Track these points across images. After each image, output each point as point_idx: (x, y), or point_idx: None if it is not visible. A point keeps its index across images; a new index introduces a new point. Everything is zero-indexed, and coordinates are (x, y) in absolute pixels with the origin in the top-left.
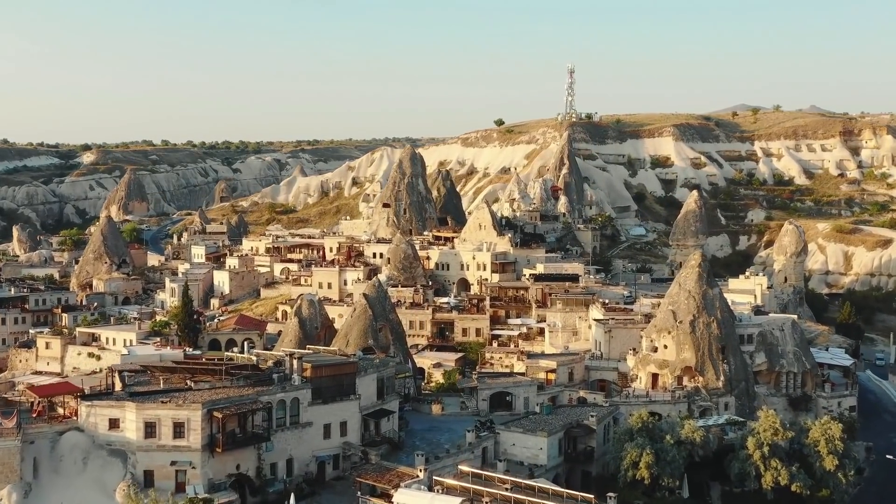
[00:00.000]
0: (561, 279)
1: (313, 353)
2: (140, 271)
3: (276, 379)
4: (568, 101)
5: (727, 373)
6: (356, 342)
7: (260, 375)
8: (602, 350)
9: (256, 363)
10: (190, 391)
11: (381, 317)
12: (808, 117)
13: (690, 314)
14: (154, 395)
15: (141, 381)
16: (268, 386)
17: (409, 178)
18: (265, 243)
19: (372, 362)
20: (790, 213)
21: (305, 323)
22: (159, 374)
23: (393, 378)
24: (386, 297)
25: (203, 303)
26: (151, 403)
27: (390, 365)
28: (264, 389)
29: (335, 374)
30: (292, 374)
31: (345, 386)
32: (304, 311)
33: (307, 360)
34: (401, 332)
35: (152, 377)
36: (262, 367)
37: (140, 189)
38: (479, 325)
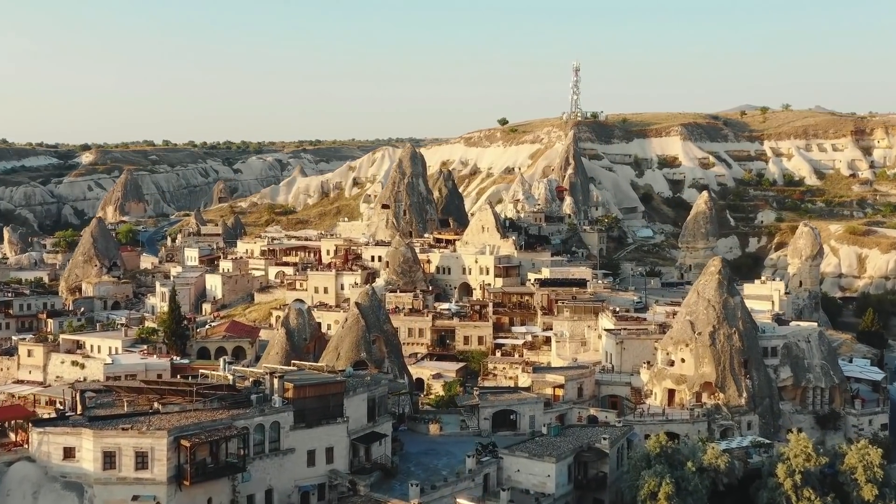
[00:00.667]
0: (568, 284)
1: (297, 371)
2: (132, 274)
3: (254, 400)
4: (573, 99)
5: (750, 389)
6: (347, 355)
7: (236, 397)
8: (613, 363)
9: (233, 383)
10: (157, 415)
11: (375, 327)
12: (819, 116)
13: (710, 325)
14: (115, 420)
15: (104, 402)
16: (245, 408)
17: (409, 179)
18: (260, 245)
19: (362, 380)
20: (801, 214)
21: (293, 334)
22: (124, 395)
23: (385, 397)
24: (380, 306)
25: (195, 308)
26: (111, 430)
27: (382, 383)
28: (241, 412)
29: (320, 395)
30: (272, 394)
31: (331, 407)
32: (292, 321)
33: (289, 379)
34: (396, 344)
35: (117, 398)
36: (238, 387)
37: (137, 189)
38: (482, 333)
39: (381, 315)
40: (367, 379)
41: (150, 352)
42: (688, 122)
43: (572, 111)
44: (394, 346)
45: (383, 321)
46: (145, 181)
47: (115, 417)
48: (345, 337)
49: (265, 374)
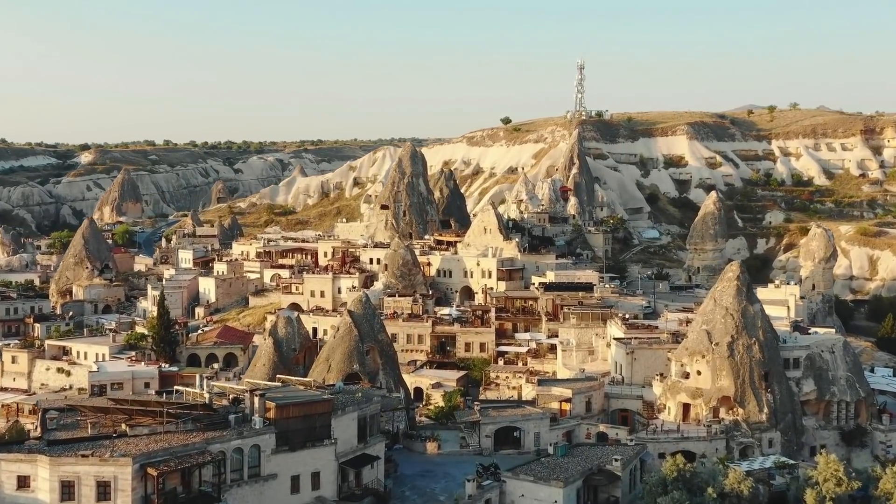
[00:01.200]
0: (573, 288)
1: (281, 388)
2: (124, 277)
3: (232, 421)
4: (577, 98)
5: (771, 404)
6: (339, 367)
7: (212, 417)
8: (623, 374)
9: (209, 402)
10: (123, 438)
11: (369, 337)
12: (827, 115)
13: (728, 335)
14: (77, 445)
15: (67, 423)
16: (222, 430)
17: (409, 178)
18: (256, 247)
19: (353, 397)
20: (810, 214)
21: (282, 344)
22: (89, 416)
23: (378, 415)
24: (374, 314)
25: (187, 312)
26: (69, 457)
27: (375, 400)
28: (217, 435)
29: (305, 415)
30: (253, 414)
31: (317, 428)
32: (281, 330)
33: (271, 397)
34: (391, 355)
35: (81, 419)
36: (215, 406)
37: (134, 190)
38: (484, 340)
39: (375, 323)
40: (357, 395)
41: (138, 359)
42: (694, 121)
43: (577, 110)
44: (389, 357)
45: (378, 330)
46: (145, 181)
47: (75, 441)
48: (336, 347)
49: (245, 391)
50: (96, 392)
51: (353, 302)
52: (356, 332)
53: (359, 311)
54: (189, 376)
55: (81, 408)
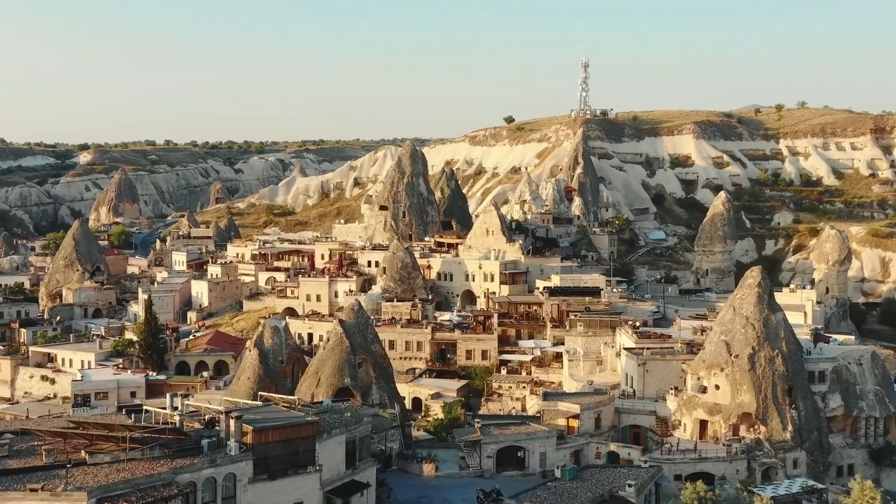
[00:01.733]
0: (580, 293)
1: (261, 408)
2: (116, 279)
3: (205, 447)
4: (582, 96)
5: (796, 421)
6: (329, 381)
7: (183, 443)
8: (634, 386)
9: (179, 425)
10: (82, 467)
11: (362, 348)
12: (837, 114)
13: (749, 347)
14: (27, 475)
15: (20, 449)
16: (193, 458)
17: (409, 178)
18: (251, 249)
19: (340, 417)
20: (819, 215)
21: (268, 356)
22: (46, 440)
23: (369, 437)
24: (368, 324)
25: (179, 316)
26: (17, 491)
27: (365, 420)
28: (186, 464)
29: (287, 439)
30: (228, 438)
31: (300, 454)
32: (267, 342)
33: (249, 419)
34: (386, 367)
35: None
36: (187, 429)
37: (131, 190)
38: (486, 347)
39: (368, 334)
40: (346, 416)
41: (125, 366)
42: (701, 120)
43: (581, 108)
44: (383, 370)
45: (371, 341)
46: (144, 181)
47: (26, 472)
48: (326, 360)
49: (221, 413)
50: (80, 402)
51: (346, 310)
52: (347, 343)
53: (351, 321)
54: (178, 385)
55: (37, 431)
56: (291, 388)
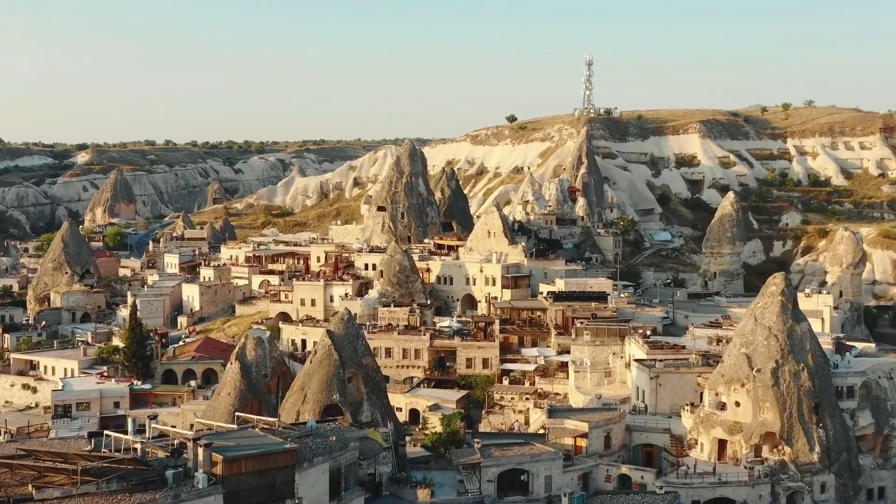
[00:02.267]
0: (585, 298)
1: (236, 432)
2: (107, 282)
3: (169, 479)
4: (585, 95)
5: (823, 441)
6: (316, 398)
7: (144, 475)
8: (646, 401)
9: (140, 454)
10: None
11: (352, 361)
12: (845, 113)
13: (772, 360)
14: None
15: None
16: (154, 492)
17: (407, 178)
18: (245, 251)
19: (324, 442)
20: (828, 216)
21: (250, 369)
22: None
23: (356, 464)
24: (359, 335)
25: (170, 321)
26: None
27: (352, 445)
28: (147, 499)
29: (262, 470)
30: (196, 469)
31: (277, 486)
32: (249, 354)
33: (219, 447)
34: (378, 381)
35: None
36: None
37: (127, 190)
38: (487, 355)
39: (359, 346)
40: (331, 440)
41: (109, 374)
42: (706, 119)
43: (585, 107)
44: (375, 385)
45: (362, 353)
46: (142, 181)
47: None
48: (313, 374)
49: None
50: (60, 413)
51: (335, 320)
52: (336, 356)
53: (340, 331)
54: (164, 395)
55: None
56: (276, 404)
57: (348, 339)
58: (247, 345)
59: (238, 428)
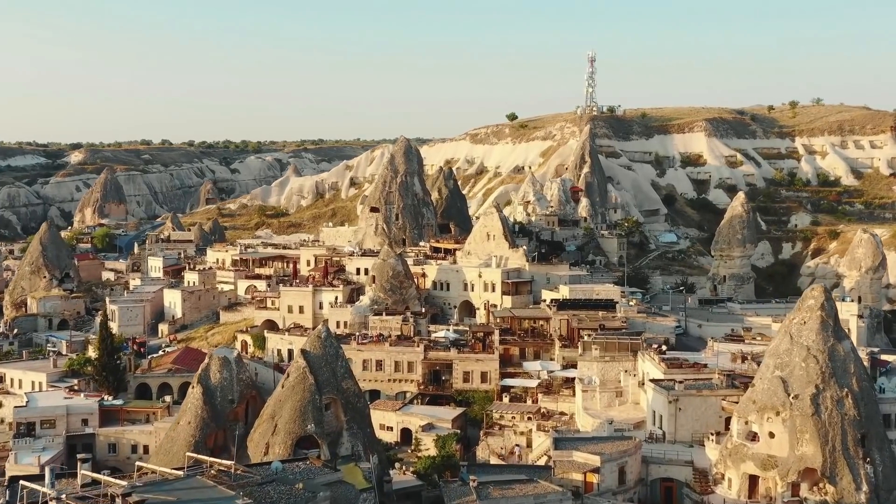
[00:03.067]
0: (592, 306)
1: (183, 479)
2: (88, 287)
3: None
4: (588, 92)
5: (871, 478)
6: (288, 428)
7: None
8: (665, 427)
9: None
10: None
11: (331, 385)
12: (854, 111)
13: (811, 385)
14: None
15: None
16: None
17: (402, 177)
18: (232, 254)
19: (288, 491)
20: (838, 217)
21: (214, 395)
22: None
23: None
24: (339, 355)
25: (150, 329)
26: None
27: (321, 497)
28: None
29: None
30: None
31: None
32: (214, 377)
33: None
34: (360, 407)
35: None
36: None
37: (118, 190)
38: (486, 369)
39: (339, 367)
40: (298, 488)
41: (80, 387)
42: (712, 117)
43: (587, 105)
44: (357, 412)
45: (342, 375)
46: (136, 181)
47: None
48: (285, 401)
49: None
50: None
51: (311, 338)
52: (312, 379)
53: (317, 351)
54: (136, 412)
55: None
56: (244, 434)
57: (326, 360)
58: (210, 366)
59: (185, 475)
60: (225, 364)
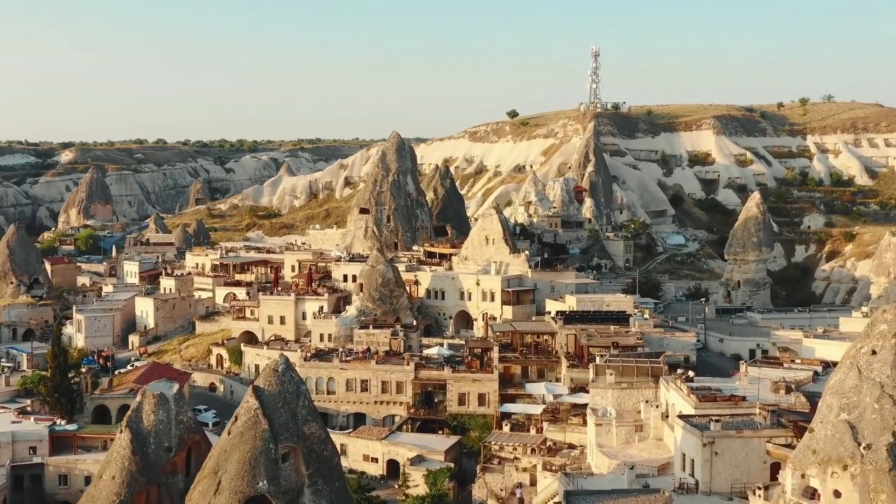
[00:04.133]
0: (602, 320)
1: None
2: (59, 293)
3: None
4: (592, 88)
5: None
6: (234, 486)
7: None
8: (698, 476)
9: None
10: None
11: (289, 431)
12: (867, 109)
13: (888, 432)
14: None
15: None
16: None
17: (394, 176)
18: (212, 259)
19: None
20: (853, 218)
21: (147, 441)
22: None
23: None
24: (301, 392)
25: (121, 341)
26: None
27: None
28: None
29: None
30: None
31: None
32: (146, 419)
33: None
34: (327, 457)
35: None
36: None
37: (104, 190)
38: (484, 390)
39: (300, 407)
40: None
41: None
42: (721, 115)
43: (591, 101)
44: (323, 462)
45: (304, 418)
46: (128, 181)
47: None
48: (231, 452)
49: None
50: None
51: (264, 373)
52: (265, 424)
53: (272, 389)
54: (92, 438)
55: None
56: (184, 491)
57: (284, 399)
58: (143, 405)
59: None
60: (161, 403)
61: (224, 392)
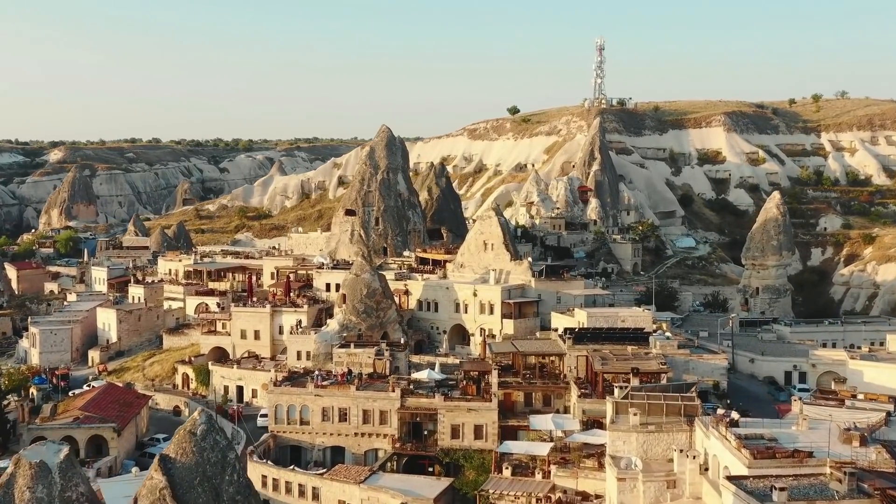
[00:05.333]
0: (617, 339)
1: None
2: (21, 301)
3: None
4: (596, 83)
5: None
6: None
7: None
8: None
9: None
10: None
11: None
12: (883, 105)
13: None
14: None
15: None
16: None
17: (384, 174)
18: (185, 265)
19: None
20: (872, 219)
21: None
22: None
23: None
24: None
25: (81, 357)
26: None
27: None
28: None
29: None
30: None
31: None
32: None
33: None
34: None
35: None
36: None
37: (87, 190)
38: (481, 421)
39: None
40: None
41: None
42: (731, 111)
43: (596, 97)
44: None
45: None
46: (118, 181)
47: None
48: None
49: None
50: None
51: (179, 436)
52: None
53: (188, 459)
54: None
55: None
56: None
57: (203, 474)
58: (17, 477)
59: None
60: (40, 475)
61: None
